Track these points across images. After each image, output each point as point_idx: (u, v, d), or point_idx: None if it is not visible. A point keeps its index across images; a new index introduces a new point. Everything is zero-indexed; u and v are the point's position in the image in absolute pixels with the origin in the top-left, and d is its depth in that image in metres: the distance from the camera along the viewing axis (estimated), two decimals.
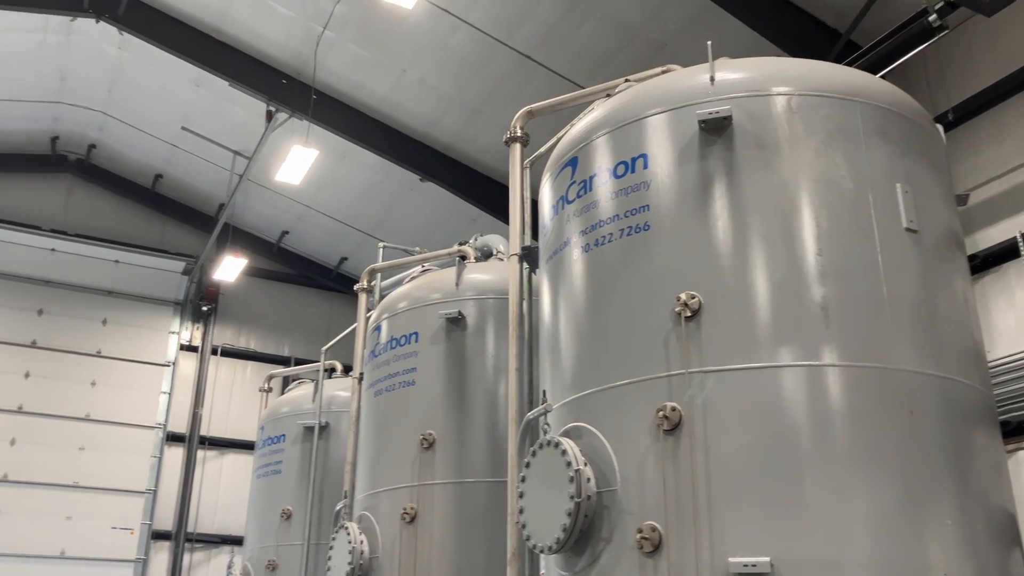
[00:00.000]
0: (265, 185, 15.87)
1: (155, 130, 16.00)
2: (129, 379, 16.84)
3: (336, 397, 9.20)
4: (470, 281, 6.63)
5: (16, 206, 16.72)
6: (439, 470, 6.08)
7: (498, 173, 13.81)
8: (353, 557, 6.13)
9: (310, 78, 12.98)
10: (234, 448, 17.21)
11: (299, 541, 8.61)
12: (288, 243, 18.37)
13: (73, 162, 17.42)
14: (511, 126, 5.35)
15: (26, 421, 15.78)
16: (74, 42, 14.13)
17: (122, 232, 17.41)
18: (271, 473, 9.42)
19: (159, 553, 16.26)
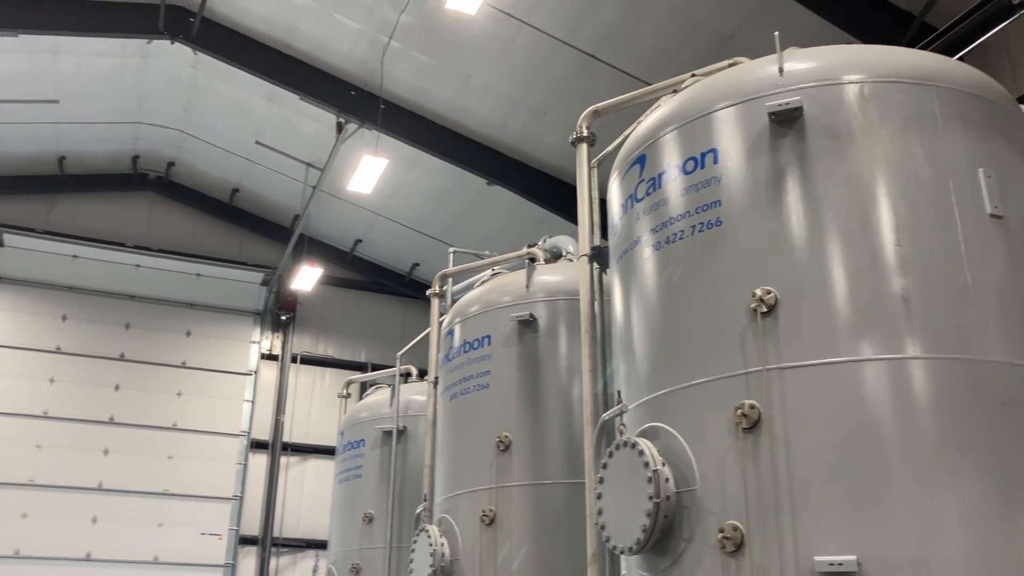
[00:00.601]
0: (337, 195, 16.16)
1: (231, 146, 16.44)
2: (213, 389, 17.34)
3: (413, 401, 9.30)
4: (540, 283, 6.63)
5: (102, 225, 17.39)
6: (516, 472, 6.10)
7: (565, 174, 13.80)
8: (434, 560, 6.19)
9: (377, 88, 13.17)
10: (316, 454, 17.56)
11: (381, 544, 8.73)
12: (361, 251, 18.66)
13: (153, 180, 18.02)
14: (577, 126, 5.35)
15: (117, 432, 16.38)
16: (151, 64, 14.62)
17: (202, 246, 17.95)
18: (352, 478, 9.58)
19: (247, 558, 16.69)
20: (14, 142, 15.60)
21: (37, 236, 16.66)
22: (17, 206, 16.77)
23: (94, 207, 17.56)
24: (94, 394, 16.41)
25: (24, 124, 15.16)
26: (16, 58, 13.49)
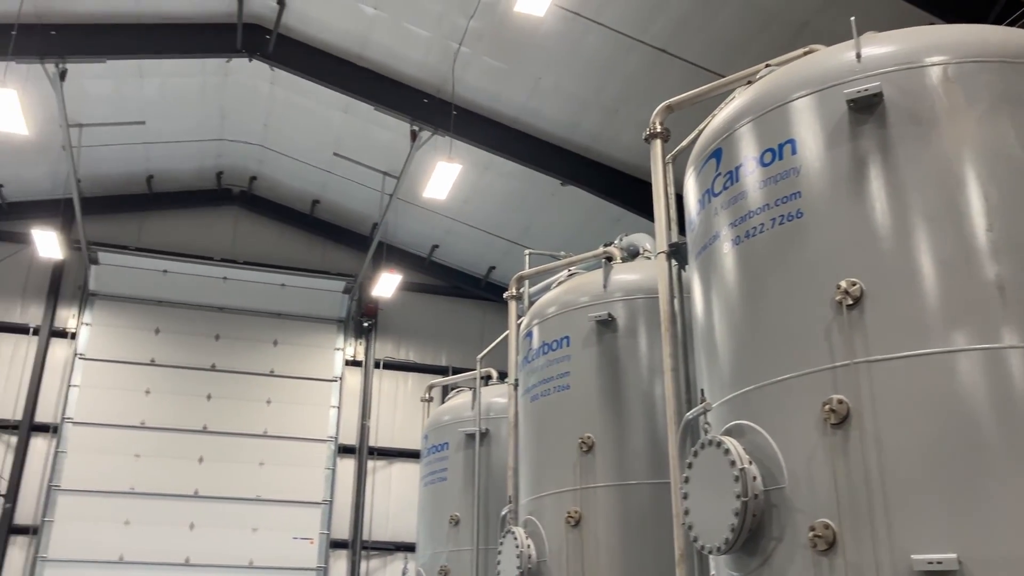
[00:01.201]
0: (414, 202, 16.36)
1: (310, 158, 16.81)
2: (300, 395, 17.75)
3: (494, 404, 9.36)
4: (618, 282, 6.59)
5: (190, 240, 17.99)
6: (600, 473, 6.08)
7: (640, 171, 13.69)
8: (521, 561, 6.21)
9: (449, 95, 13.29)
10: (401, 457, 17.81)
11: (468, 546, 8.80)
12: (439, 256, 18.86)
13: (237, 194, 18.54)
14: (650, 122, 5.30)
15: (211, 440, 16.90)
16: (230, 82, 15.05)
17: (286, 257, 18.40)
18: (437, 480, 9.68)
19: (338, 561, 17.02)
20: (105, 163, 16.25)
21: (129, 253, 17.31)
22: (109, 225, 17.48)
23: (182, 223, 18.18)
24: (188, 404, 16.98)
25: (114, 146, 15.78)
26: (104, 83, 14.06)
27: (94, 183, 16.62)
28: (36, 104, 12.74)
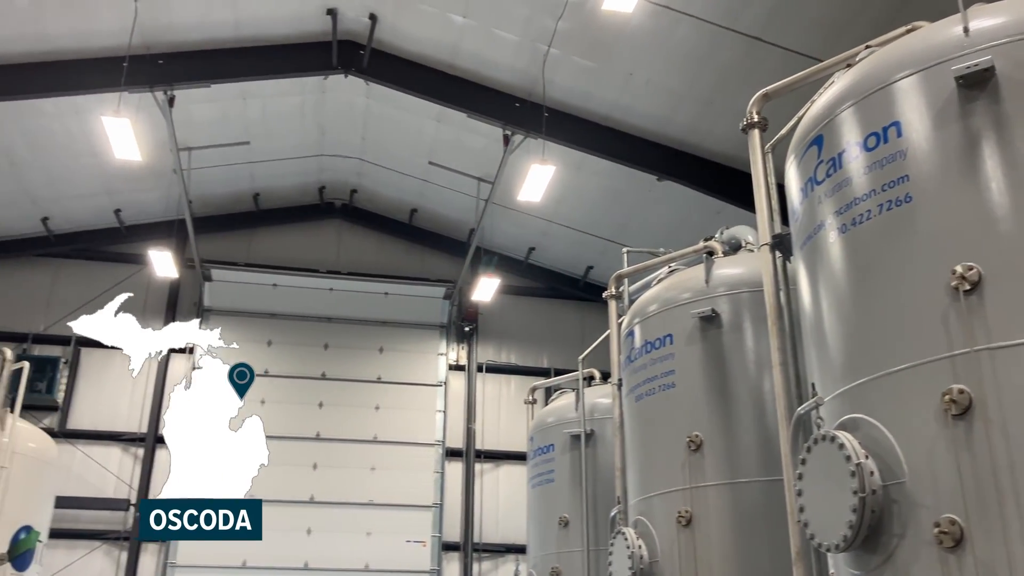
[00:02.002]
0: (509, 206, 16.46)
1: (406, 168, 17.12)
2: (407, 401, 18.07)
3: (598, 404, 9.32)
4: (721, 277, 6.48)
5: (296, 254, 18.57)
6: (710, 472, 5.99)
7: (738, 162, 13.41)
8: (633, 562, 6.17)
9: (540, 97, 13.32)
10: (508, 460, 17.92)
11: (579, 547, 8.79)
12: (536, 258, 18.91)
13: (339, 207, 19.03)
14: (747, 112, 5.20)
15: (324, 447, 17.38)
16: (328, 98, 15.46)
17: (387, 266, 18.78)
18: (544, 482, 9.71)
19: (450, 563, 17.25)
20: (214, 184, 16.92)
21: (240, 269, 18.00)
22: (220, 243, 18.20)
23: (288, 237, 18.77)
24: (301, 412, 17.50)
25: (221, 167, 16.41)
26: (210, 106, 14.64)
27: (204, 203, 17.31)
28: (148, 131, 13.36)
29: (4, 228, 16.73)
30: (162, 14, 12.41)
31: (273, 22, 13.18)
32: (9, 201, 15.95)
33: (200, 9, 12.58)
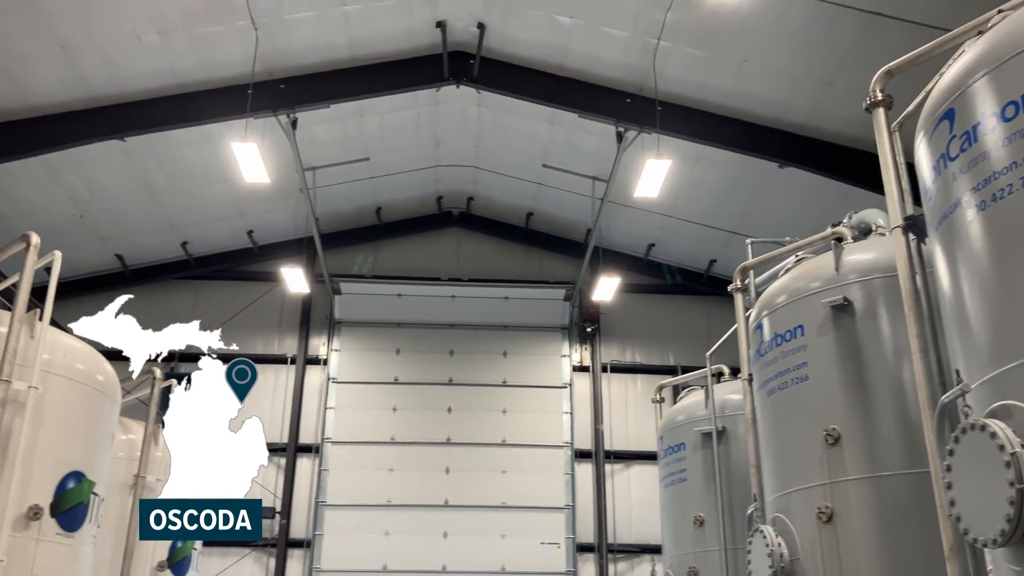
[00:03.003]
0: (626, 203, 16.33)
1: (521, 173, 17.24)
2: (534, 403, 18.18)
3: (729, 401, 9.13)
4: (851, 263, 6.23)
5: (418, 264, 18.99)
6: (850, 465, 5.76)
7: (864, 143, 12.87)
8: (773, 560, 6.01)
9: (653, 91, 13.16)
10: (638, 460, 17.77)
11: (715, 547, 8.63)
12: (656, 255, 18.69)
13: (457, 216, 19.35)
14: (870, 90, 4.99)
15: (454, 451, 17.68)
16: (441, 110, 15.75)
17: (506, 270, 18.97)
18: (677, 481, 9.57)
19: (585, 564, 17.23)
20: (338, 200, 17.49)
21: (366, 281, 18.56)
22: (347, 256, 18.81)
23: (410, 248, 19.22)
24: (431, 418, 17.87)
25: (344, 184, 16.95)
26: (330, 126, 15.15)
27: (330, 219, 17.93)
28: (274, 154, 13.95)
29: (149, 254, 17.78)
30: (281, 40, 12.93)
31: (385, 39, 13.52)
32: (152, 228, 16.94)
33: (316, 33, 13.04)
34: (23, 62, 12.12)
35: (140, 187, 15.54)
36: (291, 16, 12.64)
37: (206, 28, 12.40)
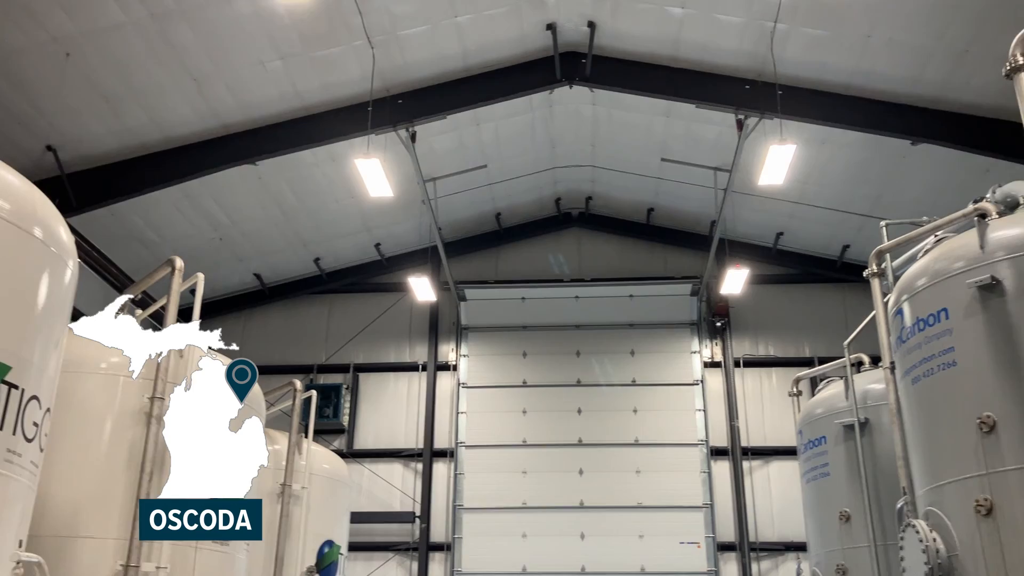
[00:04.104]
0: (750, 192, 15.93)
1: (639, 168, 17.07)
2: (665, 402, 17.95)
3: (871, 391, 8.77)
4: (998, 240, 5.86)
5: (540, 266, 19.09)
6: (1008, 455, 5.42)
7: (1005, 112, 12.12)
8: (929, 556, 5.71)
9: (772, 75, 12.80)
10: (777, 455, 17.27)
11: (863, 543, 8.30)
12: (785, 243, 18.14)
13: (576, 216, 19.33)
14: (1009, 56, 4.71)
15: (587, 452, 17.64)
16: (556, 111, 15.78)
17: (629, 268, 18.81)
18: (819, 476, 9.25)
19: (728, 563, 16.86)
20: (459, 209, 17.77)
21: (490, 286, 18.78)
22: (470, 264, 19.08)
23: (531, 251, 19.33)
24: (561, 419, 17.90)
25: (464, 192, 17.21)
26: (448, 137, 15.42)
27: (452, 228, 18.25)
28: (395, 167, 14.30)
29: (284, 271, 18.56)
30: (396, 56, 13.25)
31: (497, 46, 13.66)
32: (286, 247, 17.68)
33: (430, 46, 13.30)
34: (160, 97, 12.88)
35: (273, 208, 16.25)
36: (405, 32, 12.93)
37: (325, 50, 12.84)
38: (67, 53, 11.53)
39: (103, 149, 13.36)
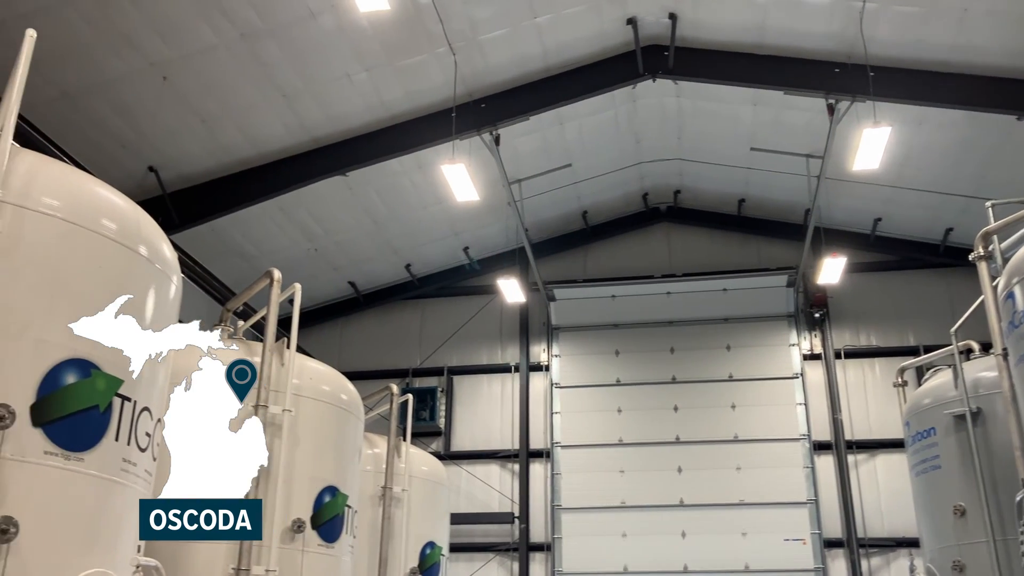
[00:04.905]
0: (844, 178, 15.46)
1: (728, 159, 16.77)
2: (763, 396, 17.56)
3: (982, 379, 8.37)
4: None
5: (629, 263, 18.93)
6: None
7: None
8: None
9: (862, 57, 12.40)
10: (883, 448, 16.71)
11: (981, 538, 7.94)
12: (884, 229, 17.54)
13: (665, 211, 19.10)
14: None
15: (685, 450, 17.40)
16: (639, 106, 15.63)
17: (721, 262, 18.48)
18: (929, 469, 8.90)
19: (835, 560, 16.39)
20: (545, 209, 17.76)
21: (579, 286, 18.72)
22: (558, 264, 19.06)
23: (619, 248, 19.19)
24: (657, 417, 17.71)
25: (549, 192, 17.21)
26: (531, 138, 15.44)
27: (539, 229, 18.27)
28: (481, 171, 14.41)
29: (377, 279, 18.92)
30: (478, 61, 13.35)
31: (577, 44, 13.62)
32: (378, 255, 18.01)
33: (510, 48, 13.35)
34: (252, 115, 13.29)
35: (364, 217, 16.58)
36: (485, 36, 13.01)
37: (408, 59, 13.03)
38: (164, 77, 12.00)
39: (201, 167, 13.86)
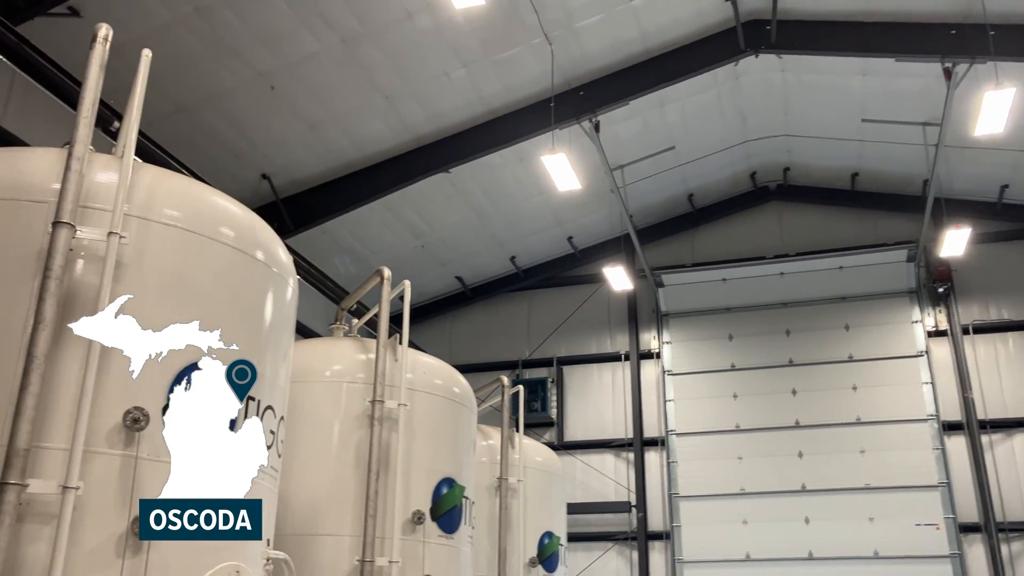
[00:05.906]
0: (965, 145, 14.68)
1: (838, 132, 16.17)
2: (886, 376, 16.90)
3: None
4: None
5: (739, 245, 18.48)
6: None
7: None
8: None
9: (981, 15, 11.73)
10: (1021, 427, 15.86)
11: None
12: (1011, 196, 16.61)
13: (774, 189, 18.57)
14: None
15: (805, 434, 16.91)
16: (743, 83, 15.22)
17: (836, 239, 17.83)
18: None
19: (972, 546, 15.63)
20: (649, 194, 17.52)
21: (688, 270, 18.38)
22: (665, 249, 18.78)
23: (728, 230, 18.76)
24: (775, 402, 17.25)
25: (653, 177, 16.95)
26: (632, 123, 15.25)
27: (644, 214, 18.05)
28: (582, 159, 14.32)
29: (483, 272, 19.09)
30: (575, 49, 13.26)
31: (675, 24, 13.37)
32: (483, 249, 18.17)
33: (607, 33, 13.21)
34: (356, 118, 13.59)
35: (467, 212, 16.74)
36: (581, 23, 12.92)
37: (505, 52, 13.06)
38: (272, 86, 12.40)
39: (310, 172, 14.27)
